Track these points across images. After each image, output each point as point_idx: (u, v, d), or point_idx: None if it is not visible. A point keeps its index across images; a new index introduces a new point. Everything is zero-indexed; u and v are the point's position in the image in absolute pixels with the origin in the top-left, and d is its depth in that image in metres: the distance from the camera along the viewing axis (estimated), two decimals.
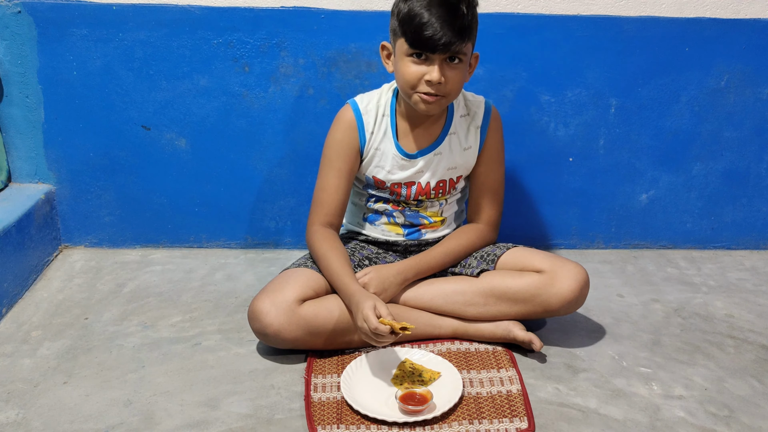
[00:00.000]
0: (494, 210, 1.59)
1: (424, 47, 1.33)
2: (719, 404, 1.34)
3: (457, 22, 1.32)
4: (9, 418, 1.25)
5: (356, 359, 1.39)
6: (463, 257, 1.56)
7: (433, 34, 1.31)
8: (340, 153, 1.50)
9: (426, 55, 1.35)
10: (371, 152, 1.52)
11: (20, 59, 1.74)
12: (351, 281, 1.39)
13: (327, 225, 1.52)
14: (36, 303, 1.64)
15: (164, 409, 1.29)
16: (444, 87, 1.37)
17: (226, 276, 1.80)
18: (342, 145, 1.50)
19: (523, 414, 1.28)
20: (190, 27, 1.73)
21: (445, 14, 1.31)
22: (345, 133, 1.51)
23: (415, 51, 1.35)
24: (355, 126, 1.50)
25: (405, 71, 1.38)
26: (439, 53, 1.34)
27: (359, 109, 1.51)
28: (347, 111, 1.51)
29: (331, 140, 1.52)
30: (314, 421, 1.24)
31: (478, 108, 1.54)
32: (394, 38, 1.40)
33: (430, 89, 1.37)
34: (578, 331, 1.58)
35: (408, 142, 1.52)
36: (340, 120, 1.52)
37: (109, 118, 1.80)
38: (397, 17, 1.37)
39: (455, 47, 1.33)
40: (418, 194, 1.55)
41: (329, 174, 1.51)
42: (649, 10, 1.78)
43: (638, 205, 1.96)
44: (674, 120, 1.88)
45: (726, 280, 1.85)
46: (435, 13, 1.31)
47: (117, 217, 1.90)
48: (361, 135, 1.51)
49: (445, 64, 1.36)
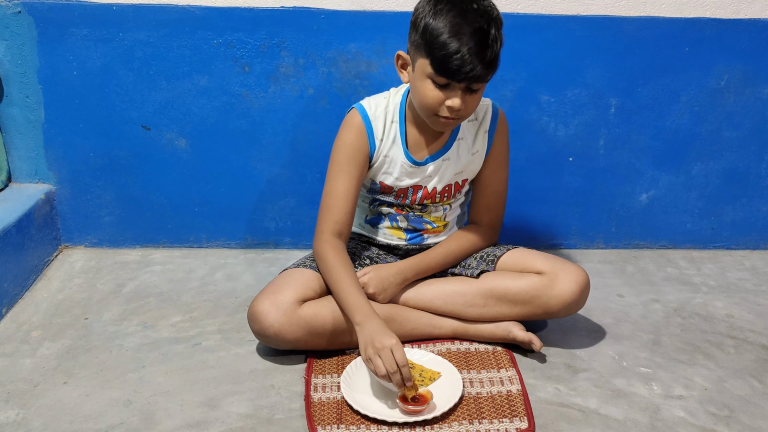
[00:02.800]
0: (497, 212, 1.59)
1: (452, 77, 1.28)
2: (719, 404, 1.34)
3: (487, 53, 1.27)
4: (9, 418, 1.25)
5: (356, 359, 1.39)
6: (464, 258, 1.55)
7: (461, 65, 1.25)
8: (351, 157, 1.46)
9: (450, 82, 1.31)
10: (380, 159, 1.49)
11: (20, 59, 1.74)
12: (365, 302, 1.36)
13: (336, 234, 1.46)
14: (36, 303, 1.64)
15: (164, 409, 1.29)
16: (463, 111, 1.34)
17: (226, 276, 1.80)
18: (353, 150, 1.46)
19: (523, 414, 1.28)
20: (190, 27, 1.73)
21: (475, 45, 1.25)
22: (355, 137, 1.46)
23: (440, 77, 1.30)
24: (364, 131, 1.46)
25: (426, 94, 1.33)
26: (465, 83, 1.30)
27: (368, 115, 1.47)
28: (356, 116, 1.47)
29: (340, 144, 1.47)
30: (314, 421, 1.24)
31: (486, 112, 1.52)
32: (416, 54, 1.33)
33: (449, 114, 1.34)
34: (578, 331, 1.58)
35: (417, 149, 1.49)
36: (350, 124, 1.47)
37: (109, 118, 1.80)
38: (422, 34, 1.29)
39: (483, 79, 1.30)
40: (424, 198, 1.54)
41: (339, 178, 1.46)
42: (649, 10, 1.78)
43: (638, 205, 1.96)
44: (674, 120, 1.88)
45: (726, 280, 1.85)
46: (465, 42, 1.25)
47: (117, 217, 1.90)
48: (371, 141, 1.47)
49: (466, 91, 1.32)
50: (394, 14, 1.74)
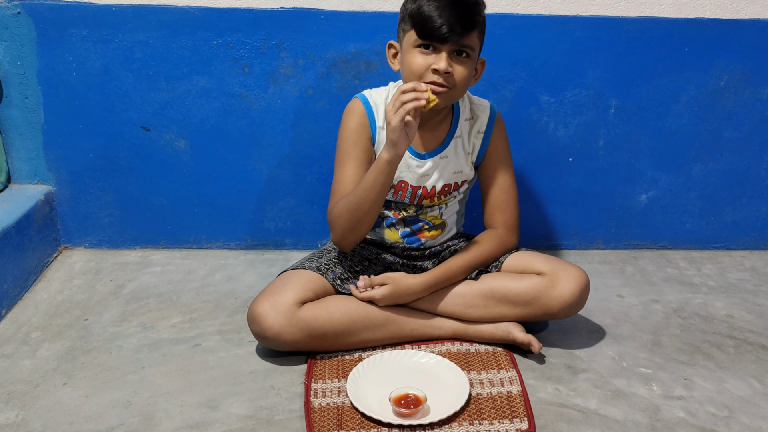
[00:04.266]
0: (510, 213, 1.57)
1: (433, 37, 1.35)
2: (719, 404, 1.34)
3: (464, 12, 1.35)
4: (9, 419, 1.25)
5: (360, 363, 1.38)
6: (485, 266, 1.53)
7: (441, 24, 1.33)
8: (357, 142, 1.49)
9: (434, 47, 1.37)
10: (380, 148, 1.50)
11: (20, 60, 1.74)
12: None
13: None
14: (36, 304, 1.64)
15: (164, 410, 1.28)
16: (451, 78, 1.38)
17: (225, 277, 1.80)
18: (357, 134, 1.50)
19: (524, 415, 1.28)
20: (189, 28, 1.73)
21: (452, 5, 1.34)
22: (358, 122, 1.50)
23: (424, 42, 1.36)
24: (365, 117, 1.50)
25: (412, 61, 1.39)
26: (448, 44, 1.35)
27: (369, 102, 1.51)
28: (357, 103, 1.51)
29: (344, 131, 1.51)
30: (314, 427, 1.24)
31: (483, 113, 1.54)
32: (403, 33, 1.42)
33: (437, 78, 1.37)
34: (578, 332, 1.58)
35: (416, 142, 1.52)
36: (352, 111, 1.51)
37: (108, 119, 1.80)
38: (406, 14, 1.40)
39: (463, 37, 1.35)
40: (423, 198, 1.54)
41: (347, 164, 1.49)
42: (648, 10, 1.78)
43: (638, 206, 1.96)
44: (674, 120, 1.88)
45: (726, 280, 1.85)
46: (443, 3, 1.34)
47: (117, 218, 1.90)
48: (372, 128, 1.50)
49: (452, 56, 1.37)
50: (394, 15, 1.73)
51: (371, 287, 1.44)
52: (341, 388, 1.34)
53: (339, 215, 1.45)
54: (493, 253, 1.53)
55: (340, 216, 1.44)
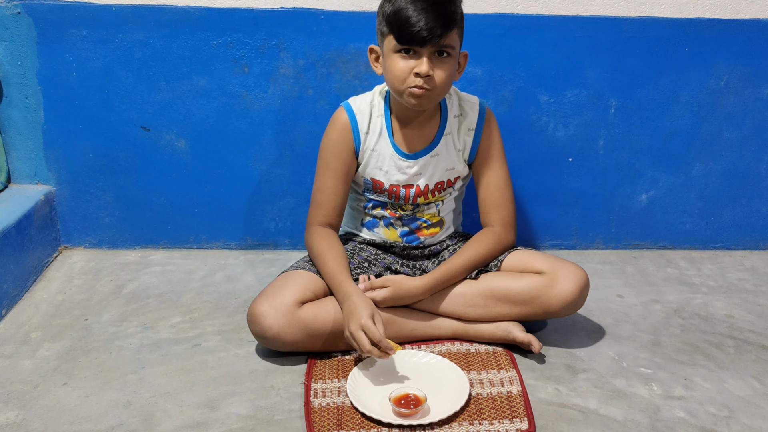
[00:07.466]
0: (505, 210, 1.57)
1: (412, 41, 1.34)
2: (719, 404, 1.34)
3: (441, 11, 1.33)
4: (9, 420, 1.25)
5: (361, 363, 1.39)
6: (484, 265, 1.53)
7: (419, 26, 1.32)
8: (336, 154, 1.51)
9: (414, 50, 1.36)
10: (367, 153, 1.52)
11: (20, 60, 1.74)
12: (346, 279, 1.40)
13: (326, 225, 1.53)
14: (35, 304, 1.64)
15: (164, 410, 1.28)
16: (432, 80, 1.37)
17: (225, 277, 1.80)
18: (337, 146, 1.51)
19: (524, 415, 1.28)
20: (189, 28, 1.73)
21: (428, 6, 1.32)
22: (339, 134, 1.51)
23: (404, 47, 1.36)
24: (349, 127, 1.51)
25: (394, 67, 1.38)
26: (427, 46, 1.34)
27: (352, 110, 1.52)
28: (341, 113, 1.52)
29: (326, 142, 1.53)
30: (314, 427, 1.24)
31: (472, 109, 1.54)
32: (382, 38, 1.41)
33: (419, 82, 1.37)
34: (578, 332, 1.58)
35: (404, 143, 1.52)
36: (334, 122, 1.53)
37: (108, 119, 1.80)
38: (383, 17, 1.38)
39: (441, 38, 1.34)
40: (417, 196, 1.54)
41: (326, 175, 1.52)
42: (648, 10, 1.78)
43: (638, 206, 1.96)
44: (674, 120, 1.88)
45: (726, 280, 1.85)
46: (419, 6, 1.32)
47: (117, 218, 1.90)
48: (356, 136, 1.51)
49: (433, 58, 1.37)
50: None
51: (371, 289, 1.44)
52: (341, 388, 1.34)
53: (308, 250, 1.52)
54: (492, 251, 1.53)
55: (309, 252, 1.52)
